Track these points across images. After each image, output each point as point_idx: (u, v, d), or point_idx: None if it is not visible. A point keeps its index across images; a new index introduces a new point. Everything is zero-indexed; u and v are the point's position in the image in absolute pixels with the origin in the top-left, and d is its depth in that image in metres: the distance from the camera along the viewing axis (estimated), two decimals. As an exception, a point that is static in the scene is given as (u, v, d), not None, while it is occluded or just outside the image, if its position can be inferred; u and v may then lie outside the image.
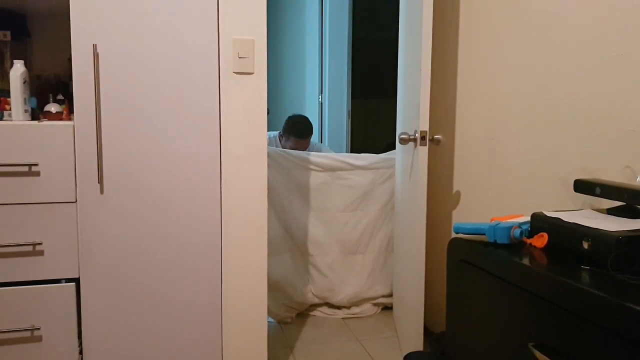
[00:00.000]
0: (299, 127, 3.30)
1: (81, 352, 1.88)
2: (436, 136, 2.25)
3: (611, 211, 1.30)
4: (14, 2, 2.04)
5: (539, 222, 1.28)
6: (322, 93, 4.44)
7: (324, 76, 4.39)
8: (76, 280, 1.84)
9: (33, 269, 1.80)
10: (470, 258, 1.31)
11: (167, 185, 1.88)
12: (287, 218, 2.87)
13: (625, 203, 1.28)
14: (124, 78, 1.81)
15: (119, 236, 1.86)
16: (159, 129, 1.86)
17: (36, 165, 1.76)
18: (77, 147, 1.80)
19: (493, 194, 2.15)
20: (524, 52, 1.93)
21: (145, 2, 1.80)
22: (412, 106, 2.29)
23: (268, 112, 2.02)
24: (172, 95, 1.86)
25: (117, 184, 1.84)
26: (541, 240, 1.25)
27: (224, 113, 1.91)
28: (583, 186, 1.40)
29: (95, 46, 1.77)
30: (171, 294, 1.93)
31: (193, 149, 1.89)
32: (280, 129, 3.41)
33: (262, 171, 1.98)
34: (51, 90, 1.98)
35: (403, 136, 2.23)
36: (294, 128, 3.30)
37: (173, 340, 1.95)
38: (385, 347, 2.57)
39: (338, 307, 2.97)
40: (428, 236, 2.34)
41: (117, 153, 1.83)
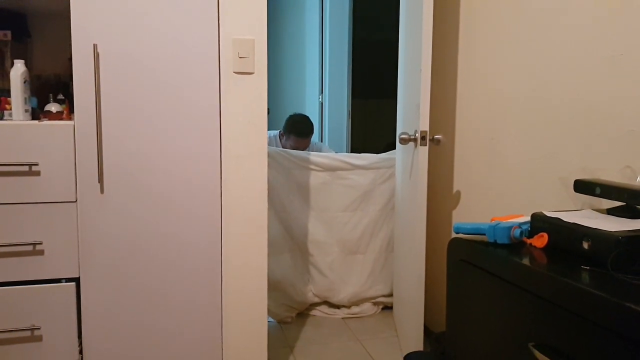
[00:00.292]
0: (300, 126, 3.30)
1: (81, 352, 1.88)
2: (436, 136, 2.25)
3: (611, 211, 1.30)
4: (15, 2, 2.04)
5: (539, 222, 1.28)
6: (323, 93, 4.43)
7: (324, 76, 4.39)
8: (76, 280, 1.85)
9: (33, 269, 1.80)
10: (470, 258, 1.31)
11: (168, 185, 1.88)
12: (288, 218, 2.87)
13: (625, 203, 1.28)
14: (125, 78, 1.81)
15: (119, 236, 1.86)
16: (159, 129, 1.86)
17: (36, 165, 1.76)
18: (78, 147, 1.80)
19: (493, 194, 2.15)
20: (524, 52, 1.93)
21: (145, 2, 1.80)
22: (412, 106, 2.29)
23: (268, 112, 2.02)
24: (173, 95, 1.86)
25: (117, 184, 1.84)
26: (541, 240, 1.25)
27: (224, 113, 1.91)
28: (583, 186, 1.40)
29: (95, 46, 1.77)
30: (171, 294, 1.93)
31: (193, 149, 1.89)
32: (280, 129, 3.41)
33: (262, 171, 1.98)
34: (51, 90, 1.98)
35: (403, 136, 2.24)
36: (295, 127, 3.29)
37: (173, 340, 1.95)
38: (385, 347, 2.57)
39: (337, 307, 2.97)
40: (428, 236, 2.34)
41: (118, 153, 1.83)
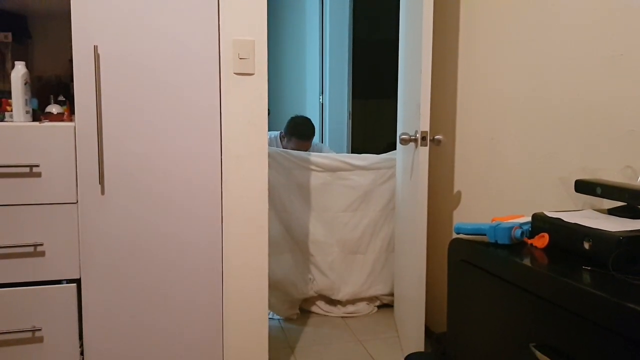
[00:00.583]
0: (301, 129, 3.30)
1: (82, 353, 1.88)
2: (437, 136, 2.25)
3: (612, 211, 1.30)
4: (15, 4, 2.04)
5: (540, 223, 1.28)
6: (323, 93, 4.43)
7: (325, 76, 4.39)
8: (77, 281, 1.85)
9: (34, 270, 1.80)
10: (471, 258, 1.31)
11: (168, 185, 1.88)
12: (288, 218, 2.88)
13: (626, 203, 1.28)
14: (125, 79, 1.82)
15: (120, 237, 1.86)
16: (160, 130, 1.86)
17: (37, 166, 1.76)
18: (78, 148, 1.80)
19: (494, 194, 2.15)
20: (524, 52, 1.93)
21: (146, 3, 1.81)
22: (413, 106, 2.29)
23: (269, 113, 2.02)
24: (173, 96, 1.86)
25: (118, 185, 1.84)
26: (542, 240, 1.25)
27: (225, 114, 1.91)
28: (584, 186, 1.40)
29: (96, 47, 1.77)
30: (172, 294, 1.93)
31: (193, 150, 1.89)
32: (281, 130, 3.41)
33: (263, 171, 1.98)
34: (52, 91, 1.98)
35: (404, 137, 2.23)
36: (296, 129, 3.30)
37: (174, 340, 1.95)
38: (386, 348, 2.57)
39: (334, 304, 2.98)
40: (429, 236, 2.34)
41: (118, 154, 1.83)
